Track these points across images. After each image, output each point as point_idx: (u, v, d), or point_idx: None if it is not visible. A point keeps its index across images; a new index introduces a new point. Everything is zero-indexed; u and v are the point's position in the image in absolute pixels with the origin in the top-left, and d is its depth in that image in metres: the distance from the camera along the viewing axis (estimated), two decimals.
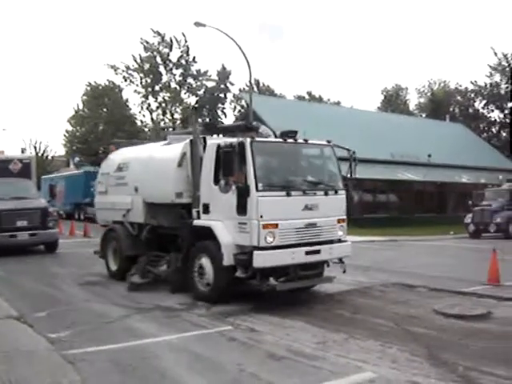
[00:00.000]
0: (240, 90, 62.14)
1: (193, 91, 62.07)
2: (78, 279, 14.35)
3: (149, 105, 61.80)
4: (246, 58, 29.99)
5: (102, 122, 59.08)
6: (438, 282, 13.36)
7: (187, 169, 12.09)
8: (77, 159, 58.14)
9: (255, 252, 10.12)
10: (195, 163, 11.79)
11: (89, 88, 62.17)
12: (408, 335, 8.85)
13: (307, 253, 10.69)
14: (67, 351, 7.85)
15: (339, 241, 11.47)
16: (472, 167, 43.44)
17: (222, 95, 64.43)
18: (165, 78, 61.35)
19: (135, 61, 60.01)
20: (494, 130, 62.09)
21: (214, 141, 11.83)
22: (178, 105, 61.21)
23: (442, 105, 62.44)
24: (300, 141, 11.39)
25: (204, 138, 12.10)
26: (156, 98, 61.50)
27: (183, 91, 61.98)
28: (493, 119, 61.38)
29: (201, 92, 62.50)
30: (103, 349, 8.05)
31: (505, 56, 55.83)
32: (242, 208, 10.34)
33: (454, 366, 7.37)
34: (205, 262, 11.07)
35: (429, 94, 70.00)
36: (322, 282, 12.12)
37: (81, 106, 62.60)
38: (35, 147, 69.31)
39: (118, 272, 13.99)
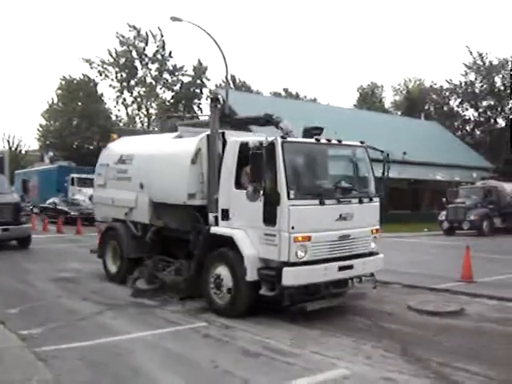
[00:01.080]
0: (216, 86, 61.97)
1: (169, 86, 61.82)
2: (50, 275, 14.14)
3: (124, 99, 61.48)
4: (222, 53, 29.89)
5: (77, 117, 58.44)
6: (413, 279, 13.46)
7: (201, 167, 10.88)
8: (51, 154, 57.58)
9: (285, 269, 8.90)
10: (212, 162, 10.57)
11: (63, 82, 61.44)
12: (382, 332, 8.89)
13: (340, 268, 9.57)
14: (39, 348, 7.74)
15: (371, 254, 10.34)
16: (446, 165, 43.75)
17: (198, 91, 64.17)
18: (140, 73, 61.05)
19: (110, 55, 59.60)
20: (468, 128, 62.54)
21: (235, 138, 10.43)
22: (153, 100, 60.93)
23: (417, 103, 62.77)
24: (334, 141, 10.19)
25: (223, 134, 10.86)
26: (131, 93, 61.18)
27: (159, 86, 61.73)
28: (467, 117, 61.88)
29: (177, 87, 62.25)
30: (75, 346, 7.96)
31: (480, 55, 56.28)
32: (270, 218, 9.14)
33: (428, 362, 7.44)
34: (223, 272, 9.79)
35: (404, 91, 70.44)
36: (356, 299, 10.81)
37: (55, 100, 61.89)
38: (8, 141, 68.42)
39: (118, 275, 12.91)
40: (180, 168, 11.00)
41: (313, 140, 9.95)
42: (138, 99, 61.02)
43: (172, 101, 61.38)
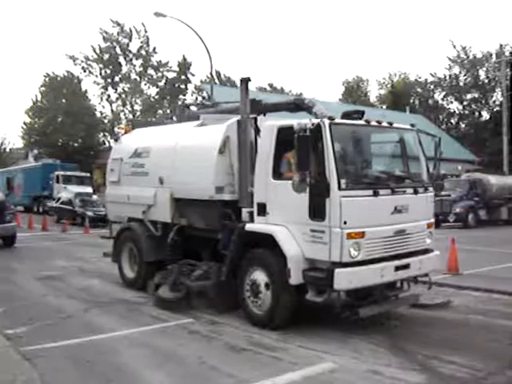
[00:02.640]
0: (201, 81, 61.82)
1: (153, 82, 61.46)
2: (36, 273, 14.00)
3: (108, 96, 61.04)
4: (206, 48, 29.86)
5: (61, 114, 57.99)
6: None
7: (230, 157, 9.83)
8: (35, 151, 57.21)
9: (337, 270, 7.76)
10: (244, 150, 9.51)
11: (47, 79, 60.96)
12: (369, 325, 8.87)
13: (397, 268, 8.47)
14: (24, 348, 7.68)
15: (426, 251, 9.17)
16: (431, 158, 43.94)
17: (183, 86, 63.91)
18: (124, 69, 60.59)
19: (94, 51, 59.11)
20: (453, 121, 62.92)
21: (272, 122, 9.29)
22: (138, 96, 60.59)
23: (402, 96, 62.97)
24: (384, 124, 9.14)
25: (255, 119, 9.92)
26: (116, 89, 60.75)
27: (143, 82, 61.35)
28: (452, 110, 62.21)
29: (161, 83, 61.94)
30: (61, 344, 7.91)
31: (463, 48, 56.60)
32: (318, 212, 7.99)
33: (415, 354, 7.47)
34: (260, 277, 8.71)
35: (389, 85, 70.59)
36: (410, 303, 9.70)
37: (39, 98, 61.40)
38: None
39: (137, 280, 11.72)
40: (206, 159, 9.96)
41: (362, 122, 8.82)
42: (123, 95, 60.59)
43: (157, 97, 61.09)
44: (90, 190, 36.05)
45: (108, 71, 59.60)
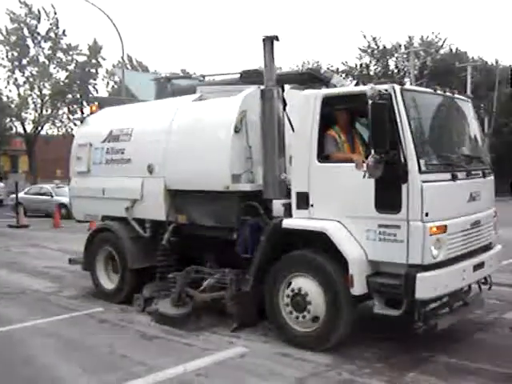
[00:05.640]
0: (113, 66, 60.76)
1: (63, 66, 59.61)
2: None
3: (15, 79, 58.69)
4: (118, 32, 29.28)
5: None
6: None
7: (248, 137, 8.03)
8: None
9: (419, 275, 6.21)
10: (270, 128, 7.73)
11: None
12: None
13: (475, 268, 7.08)
14: None
15: (490, 245, 7.72)
16: None
17: (93, 70, 62.47)
18: (32, 52, 58.32)
19: (0, 33, 56.84)
20: None
21: (313, 90, 7.51)
22: (46, 80, 58.70)
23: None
24: (457, 95, 7.64)
25: (282, 88, 8.06)
26: (23, 73, 58.48)
27: (52, 66, 59.38)
28: None
29: (71, 67, 60.26)
30: None
31: (374, 39, 57.92)
32: (391, 201, 6.42)
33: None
34: (307, 285, 7.02)
35: None
36: (477, 308, 8.15)
37: None
38: None
39: (119, 292, 9.59)
40: (217, 140, 8.13)
41: (431, 90, 7.31)
42: (31, 79, 58.45)
43: (66, 81, 59.45)
44: None
45: (15, 54, 57.30)
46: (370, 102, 6.22)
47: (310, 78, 8.72)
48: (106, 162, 9.97)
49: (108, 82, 67.58)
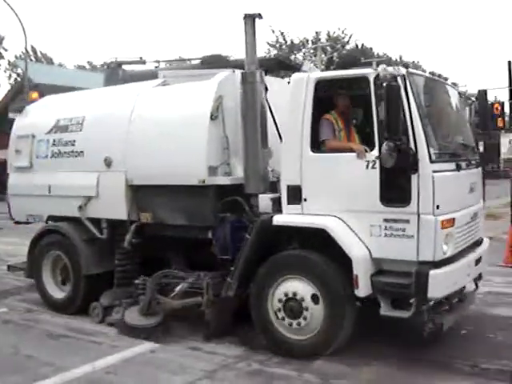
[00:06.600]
0: (16, 57, 58.75)
1: None
2: None
3: None
4: (20, 22, 28.05)
5: None
6: None
7: (224, 125, 7.23)
8: None
9: (433, 272, 5.75)
10: (252, 115, 7.08)
11: None
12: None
13: (476, 263, 6.76)
14: None
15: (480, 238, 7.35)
16: None
17: None
18: None
19: None
20: None
21: (304, 74, 6.81)
22: None
23: None
24: (442, 80, 7.21)
25: (265, 72, 7.42)
26: None
27: None
28: None
29: None
30: None
31: (282, 34, 58.50)
32: (399, 193, 5.95)
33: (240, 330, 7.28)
34: (302, 289, 6.39)
35: None
36: (471, 303, 7.52)
37: None
38: None
39: (71, 302, 8.57)
40: (190, 129, 7.29)
41: (430, 75, 6.92)
42: None
43: None
44: None
45: None
46: (384, 84, 5.74)
47: (279, 65, 8.35)
48: (52, 155, 8.91)
49: (10, 75, 65.33)
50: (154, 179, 7.60)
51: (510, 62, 14.79)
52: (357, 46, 50.91)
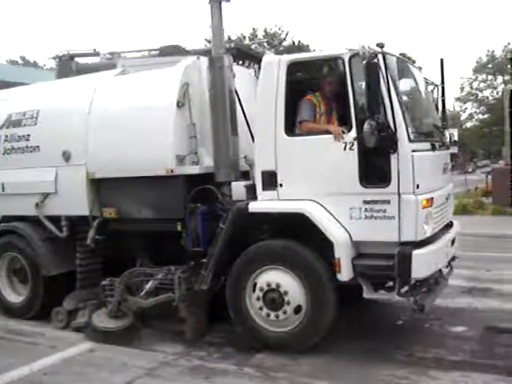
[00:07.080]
0: None
1: None
2: None
3: None
4: None
5: None
6: None
7: (191, 113, 6.95)
8: None
9: (416, 252, 5.66)
10: (221, 101, 6.82)
11: None
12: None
13: (452, 243, 6.75)
14: None
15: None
16: None
17: None
18: None
19: None
20: None
21: (276, 56, 6.72)
22: None
23: None
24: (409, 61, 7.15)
25: (233, 57, 7.20)
26: None
27: None
28: None
29: None
30: None
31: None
32: (379, 174, 5.85)
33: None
34: (282, 279, 6.20)
35: None
36: (444, 285, 7.18)
37: None
38: None
39: (30, 306, 8.16)
40: (156, 118, 6.98)
41: (400, 56, 6.72)
42: None
43: None
44: None
45: None
46: (363, 62, 5.58)
47: (239, 55, 8.05)
48: (4, 151, 8.44)
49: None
50: (117, 171, 7.19)
51: (442, 59, 15.33)
52: (293, 42, 50.90)
